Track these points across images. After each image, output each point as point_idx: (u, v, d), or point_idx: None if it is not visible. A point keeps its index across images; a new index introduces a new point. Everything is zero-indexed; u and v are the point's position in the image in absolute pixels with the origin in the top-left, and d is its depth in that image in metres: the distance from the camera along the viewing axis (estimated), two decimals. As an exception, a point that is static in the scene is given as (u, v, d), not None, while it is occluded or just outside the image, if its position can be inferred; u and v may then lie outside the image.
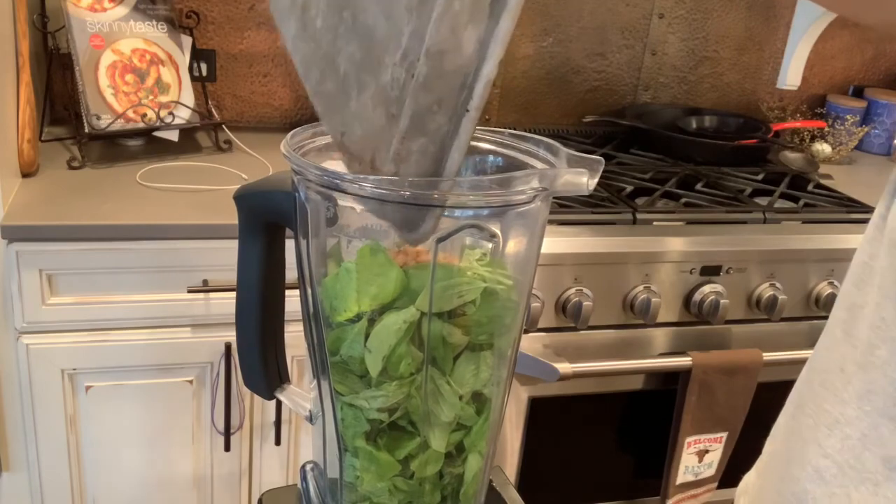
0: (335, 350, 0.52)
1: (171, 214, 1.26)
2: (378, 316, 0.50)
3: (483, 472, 0.58)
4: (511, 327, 0.55)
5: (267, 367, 0.62)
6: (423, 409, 0.52)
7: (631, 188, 1.57)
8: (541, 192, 0.47)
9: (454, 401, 0.52)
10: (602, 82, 1.96)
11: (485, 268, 0.51)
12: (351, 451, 0.55)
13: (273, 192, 0.55)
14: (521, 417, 1.43)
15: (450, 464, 0.55)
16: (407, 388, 0.51)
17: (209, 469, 1.40)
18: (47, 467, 1.32)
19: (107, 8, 1.47)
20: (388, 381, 0.51)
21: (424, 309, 0.49)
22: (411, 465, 0.54)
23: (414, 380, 0.51)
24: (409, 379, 0.51)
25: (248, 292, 0.59)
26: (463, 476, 0.56)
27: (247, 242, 0.58)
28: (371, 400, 0.52)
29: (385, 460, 0.53)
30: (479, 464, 0.56)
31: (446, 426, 0.53)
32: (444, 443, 0.53)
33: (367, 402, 0.52)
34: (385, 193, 0.45)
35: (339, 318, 0.51)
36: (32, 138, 1.33)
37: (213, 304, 1.29)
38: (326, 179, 0.48)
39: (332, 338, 0.52)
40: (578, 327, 1.35)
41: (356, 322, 0.51)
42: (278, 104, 1.78)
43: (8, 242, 1.18)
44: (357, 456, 0.55)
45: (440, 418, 0.52)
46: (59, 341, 1.25)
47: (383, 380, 0.51)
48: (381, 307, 0.50)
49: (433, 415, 0.52)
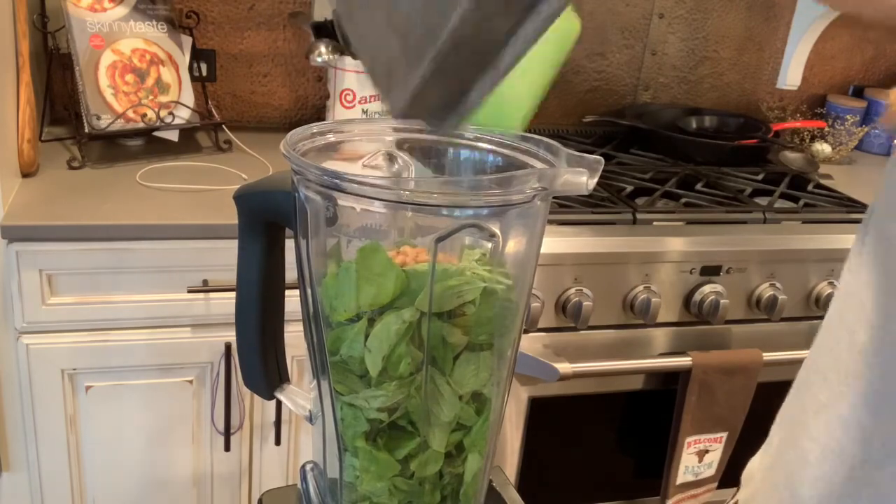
0: (335, 350, 0.52)
1: (171, 214, 1.26)
2: (378, 316, 0.50)
3: (483, 472, 0.58)
4: (511, 327, 0.55)
5: (267, 367, 0.62)
6: (422, 408, 0.52)
7: (631, 188, 1.57)
8: (541, 191, 0.47)
9: (454, 401, 0.52)
10: (602, 82, 1.96)
11: (484, 268, 0.51)
12: (351, 450, 0.55)
13: (273, 192, 0.55)
14: (521, 417, 1.43)
15: (450, 464, 0.55)
16: (407, 388, 0.51)
17: (209, 469, 1.40)
18: (47, 467, 1.32)
19: (107, 8, 1.47)
20: (387, 380, 0.51)
21: (424, 309, 0.49)
22: (411, 465, 0.54)
23: (414, 380, 0.51)
24: (409, 379, 0.51)
25: (248, 292, 0.59)
26: (463, 476, 0.56)
27: (247, 242, 0.58)
28: (371, 400, 0.52)
29: (385, 460, 0.53)
30: (479, 464, 0.56)
31: (446, 426, 0.53)
32: (444, 443, 0.53)
33: (367, 402, 0.52)
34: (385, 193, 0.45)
35: (338, 318, 0.51)
36: (32, 138, 1.33)
37: (213, 304, 1.29)
38: (326, 179, 0.48)
39: (332, 338, 0.52)
40: (578, 327, 1.35)
41: (356, 322, 0.51)
42: (278, 104, 1.78)
43: (8, 242, 1.18)
44: (357, 456, 0.55)
45: (440, 418, 0.52)
46: (59, 341, 1.25)
47: (383, 380, 0.51)
48: (381, 307, 0.50)
49: (433, 415, 0.52)
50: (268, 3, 1.70)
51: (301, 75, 1.77)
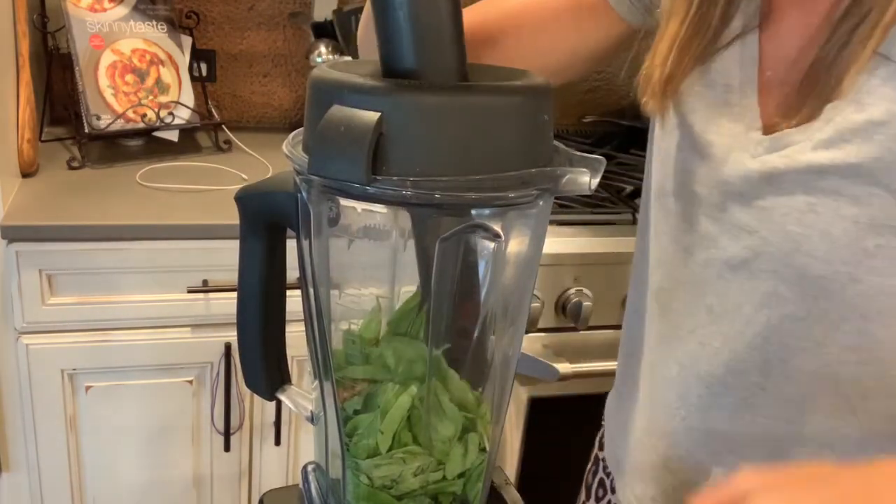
0: (350, 434, 0.54)
1: (171, 214, 1.26)
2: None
3: (485, 472, 0.58)
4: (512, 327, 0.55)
5: (268, 368, 0.62)
6: (425, 421, 0.52)
7: (631, 188, 1.57)
8: (542, 191, 0.47)
9: (455, 415, 0.53)
10: (602, 82, 1.96)
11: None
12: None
13: (275, 192, 0.54)
14: (521, 417, 1.43)
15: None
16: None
17: (209, 469, 1.40)
18: (47, 467, 1.32)
19: (107, 8, 1.47)
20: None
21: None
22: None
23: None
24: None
25: (249, 293, 0.59)
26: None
27: (248, 243, 0.57)
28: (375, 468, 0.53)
29: (387, 500, 0.54)
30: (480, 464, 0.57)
31: (448, 440, 0.53)
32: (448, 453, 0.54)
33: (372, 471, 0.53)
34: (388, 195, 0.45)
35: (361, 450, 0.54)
36: (32, 138, 1.33)
37: (213, 304, 1.29)
38: (329, 181, 0.48)
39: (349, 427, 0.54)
40: (578, 327, 1.35)
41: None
42: (278, 104, 1.78)
43: (8, 242, 1.18)
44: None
45: (441, 433, 0.53)
46: (59, 341, 1.25)
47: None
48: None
49: (434, 429, 0.52)
50: (268, 3, 1.70)
51: (301, 75, 1.77)
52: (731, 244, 0.60)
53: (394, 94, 0.44)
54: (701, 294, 0.63)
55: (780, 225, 0.56)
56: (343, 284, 0.54)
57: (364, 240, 0.50)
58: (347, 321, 0.55)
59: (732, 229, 0.59)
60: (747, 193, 0.58)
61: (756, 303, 0.59)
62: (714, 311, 0.62)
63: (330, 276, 0.53)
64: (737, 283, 0.60)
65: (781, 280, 0.57)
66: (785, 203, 0.56)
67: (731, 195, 0.59)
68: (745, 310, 0.60)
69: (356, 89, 0.44)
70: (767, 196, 0.57)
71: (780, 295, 0.58)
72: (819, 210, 0.54)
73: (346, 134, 0.43)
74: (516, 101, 0.46)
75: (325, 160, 0.44)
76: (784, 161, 0.56)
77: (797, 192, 0.55)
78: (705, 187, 0.61)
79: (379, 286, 0.55)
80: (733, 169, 0.59)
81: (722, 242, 0.60)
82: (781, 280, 0.57)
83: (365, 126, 0.42)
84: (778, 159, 0.56)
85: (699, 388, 0.64)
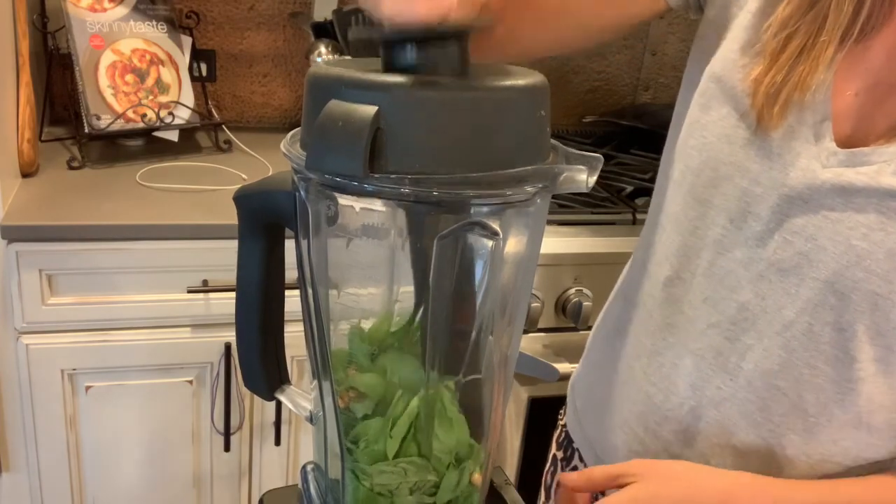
0: (355, 439, 0.54)
1: (171, 214, 1.26)
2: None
3: (484, 473, 0.58)
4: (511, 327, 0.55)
5: (267, 368, 0.61)
6: (425, 426, 0.52)
7: (631, 188, 1.57)
8: (540, 189, 0.47)
9: (459, 420, 0.53)
10: (602, 82, 1.96)
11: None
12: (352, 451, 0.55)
13: (273, 192, 0.54)
14: (521, 417, 1.42)
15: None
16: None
17: (209, 469, 1.40)
18: (47, 467, 1.32)
19: (107, 8, 1.47)
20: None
21: None
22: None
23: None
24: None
25: (248, 292, 0.59)
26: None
27: (247, 243, 0.57)
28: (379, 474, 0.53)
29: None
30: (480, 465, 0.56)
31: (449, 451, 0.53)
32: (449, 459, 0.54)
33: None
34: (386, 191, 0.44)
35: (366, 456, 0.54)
36: (32, 138, 1.33)
37: (213, 304, 1.28)
38: (327, 179, 0.47)
39: (352, 435, 0.54)
40: (578, 327, 1.35)
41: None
42: (278, 104, 1.78)
43: (8, 242, 1.18)
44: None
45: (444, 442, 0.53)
46: (59, 341, 1.25)
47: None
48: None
49: (436, 438, 0.52)
50: (268, 3, 1.70)
51: (301, 75, 1.77)
52: (783, 247, 0.59)
53: (392, 90, 0.44)
54: (732, 290, 0.62)
55: (845, 237, 0.57)
56: (342, 284, 0.54)
57: (362, 239, 0.50)
58: (348, 320, 0.55)
59: (786, 233, 0.59)
60: (812, 201, 0.58)
61: (799, 308, 0.59)
62: (748, 309, 0.61)
63: (329, 276, 0.53)
64: (781, 286, 0.60)
65: (832, 290, 0.57)
66: (854, 218, 0.56)
67: (792, 199, 0.59)
68: (786, 312, 0.60)
69: (354, 84, 0.44)
70: (836, 208, 0.57)
71: (827, 304, 0.58)
72: (889, 230, 0.55)
73: (344, 128, 0.42)
74: (514, 97, 0.46)
75: (323, 154, 0.44)
76: (862, 179, 0.56)
77: (869, 210, 0.56)
78: (760, 186, 0.60)
79: (378, 285, 0.55)
80: (802, 175, 0.58)
81: (771, 244, 0.60)
82: (832, 290, 0.57)
83: (362, 120, 0.42)
84: (855, 175, 0.56)
85: (719, 381, 0.64)
